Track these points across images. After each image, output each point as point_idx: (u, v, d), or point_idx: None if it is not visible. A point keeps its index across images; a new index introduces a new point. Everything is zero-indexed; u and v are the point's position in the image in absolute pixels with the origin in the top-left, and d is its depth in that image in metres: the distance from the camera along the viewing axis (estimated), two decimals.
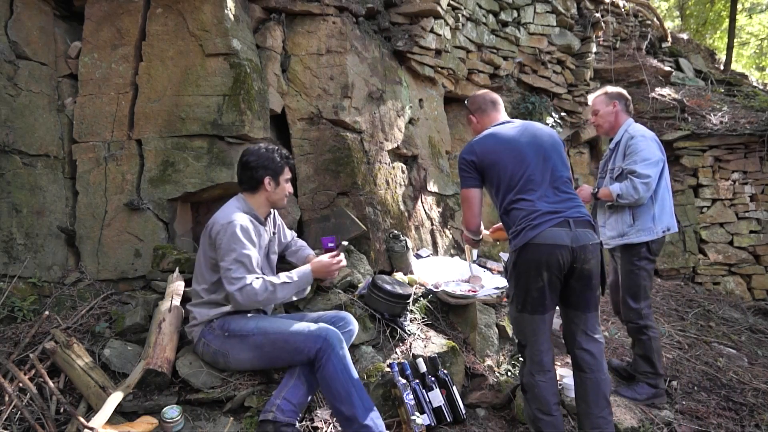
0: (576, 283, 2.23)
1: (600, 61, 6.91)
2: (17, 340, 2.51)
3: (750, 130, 6.10)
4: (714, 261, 6.15)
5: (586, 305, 2.29)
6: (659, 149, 2.96)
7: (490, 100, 2.58)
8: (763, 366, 3.79)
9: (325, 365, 2.14)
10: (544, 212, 2.18)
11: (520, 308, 2.26)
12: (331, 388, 2.13)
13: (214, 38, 3.16)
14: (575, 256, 2.15)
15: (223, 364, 2.34)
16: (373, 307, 2.80)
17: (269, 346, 2.23)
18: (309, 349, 2.17)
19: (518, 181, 2.25)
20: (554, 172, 2.29)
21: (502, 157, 2.30)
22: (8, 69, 3.01)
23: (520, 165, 2.26)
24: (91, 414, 2.06)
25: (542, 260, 2.14)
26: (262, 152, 2.43)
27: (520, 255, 2.19)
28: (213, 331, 2.31)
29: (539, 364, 2.23)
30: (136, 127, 3.16)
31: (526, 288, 2.21)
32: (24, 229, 2.95)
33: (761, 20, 14.65)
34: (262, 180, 2.40)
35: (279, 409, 2.11)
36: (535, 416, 2.20)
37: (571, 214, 2.20)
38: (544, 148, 2.32)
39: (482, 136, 2.42)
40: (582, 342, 2.30)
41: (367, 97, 3.82)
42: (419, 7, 4.25)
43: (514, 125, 2.43)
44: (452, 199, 4.64)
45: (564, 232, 2.15)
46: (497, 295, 3.33)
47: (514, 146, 2.31)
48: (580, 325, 2.31)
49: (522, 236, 2.17)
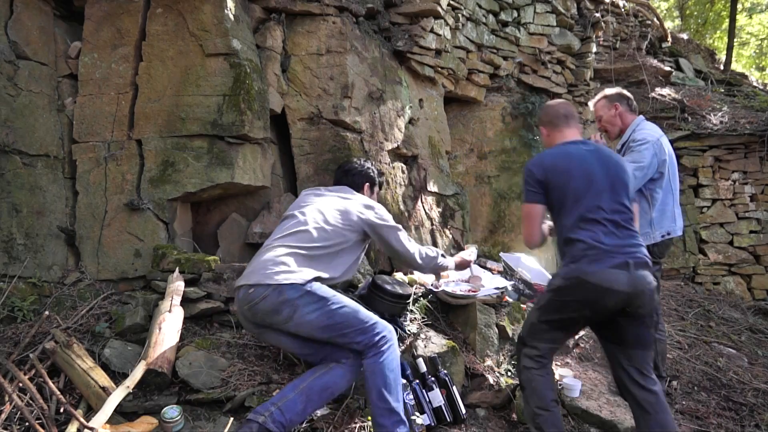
0: (626, 321, 2.15)
1: (600, 61, 6.90)
2: (17, 340, 2.51)
3: (750, 130, 6.10)
4: (714, 261, 6.15)
5: (642, 342, 2.19)
6: (661, 152, 2.91)
7: (563, 113, 2.45)
8: (763, 366, 3.79)
9: (386, 352, 2.20)
10: (607, 249, 2.09)
11: (543, 319, 2.23)
12: (387, 377, 2.17)
13: (214, 38, 3.16)
14: (630, 301, 2.08)
15: (281, 317, 2.23)
16: (373, 307, 2.79)
17: (340, 316, 2.24)
18: (374, 333, 2.22)
19: (584, 210, 2.15)
20: (621, 206, 2.20)
21: (572, 181, 2.19)
22: (8, 69, 3.01)
23: (589, 193, 2.17)
24: (91, 414, 2.06)
25: (590, 299, 2.08)
26: (368, 164, 2.88)
27: (568, 284, 2.12)
28: (294, 285, 2.23)
29: (538, 361, 2.23)
30: (136, 127, 3.16)
31: (560, 311, 2.17)
32: (24, 229, 2.95)
33: (761, 20, 14.64)
34: (363, 186, 2.80)
35: (271, 416, 2.05)
36: (533, 412, 2.19)
37: (632, 254, 2.12)
38: (615, 179, 2.23)
39: (554, 153, 2.31)
40: (641, 381, 2.17)
41: (367, 97, 3.82)
42: (419, 7, 4.25)
43: (588, 148, 2.31)
44: (452, 199, 4.64)
45: (623, 275, 2.06)
46: (497, 295, 3.33)
47: (586, 173, 2.20)
48: (634, 363, 2.18)
49: (577, 267, 2.10)
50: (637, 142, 2.91)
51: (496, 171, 5.31)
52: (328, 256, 2.41)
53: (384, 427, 2.11)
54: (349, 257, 2.53)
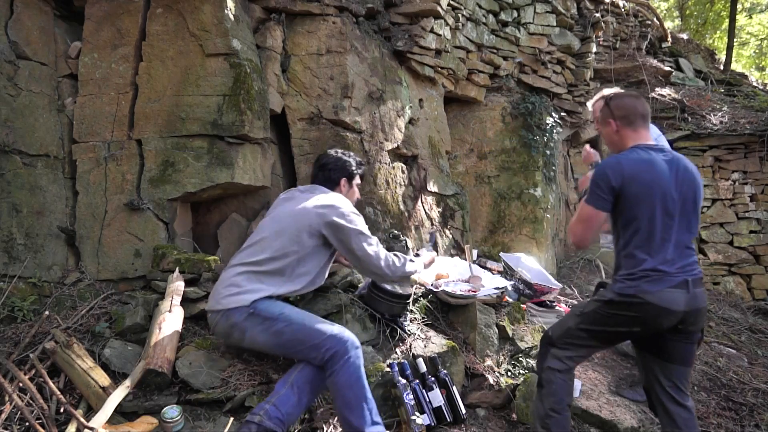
0: (675, 336, 2.10)
1: (600, 61, 6.90)
2: (17, 340, 2.51)
3: (750, 130, 6.10)
4: (714, 261, 6.15)
5: (686, 359, 2.14)
6: None
7: (641, 113, 2.21)
8: (763, 366, 3.79)
9: (340, 371, 2.10)
10: (669, 271, 2.02)
11: (583, 327, 2.15)
12: (344, 396, 2.09)
13: (214, 38, 3.16)
14: (685, 318, 2.03)
15: (235, 339, 2.28)
16: (373, 307, 2.80)
17: (289, 335, 2.19)
18: (326, 350, 2.12)
19: (655, 228, 2.04)
20: (690, 225, 2.11)
21: (651, 197, 2.04)
22: (8, 69, 3.01)
23: (663, 211, 2.04)
24: (91, 414, 2.06)
25: (645, 318, 2.03)
26: (340, 155, 2.65)
27: (624, 301, 2.04)
28: (239, 308, 2.23)
29: (566, 364, 2.18)
30: (136, 127, 3.16)
31: (607, 324, 2.11)
32: (24, 229, 2.95)
33: (761, 20, 14.64)
34: (339, 180, 2.60)
35: (266, 414, 2.06)
36: (546, 413, 2.15)
37: (691, 272, 2.06)
38: (690, 196, 2.11)
39: (635, 159, 2.09)
40: (677, 396, 2.13)
41: (367, 97, 3.82)
42: (419, 7, 4.25)
43: (666, 157, 2.12)
44: (452, 199, 4.64)
45: (681, 295, 2.00)
46: (497, 295, 3.33)
47: (664, 189, 2.05)
48: (673, 379, 2.14)
49: (636, 285, 2.02)
50: None
51: (496, 171, 5.32)
52: (285, 269, 2.30)
53: None
54: (312, 266, 2.38)
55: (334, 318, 2.69)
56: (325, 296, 2.81)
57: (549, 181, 5.42)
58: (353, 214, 2.38)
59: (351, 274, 3.05)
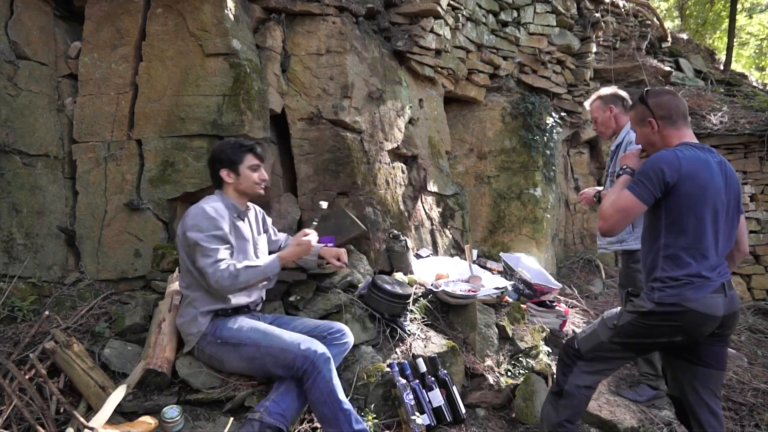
0: (711, 339, 2.03)
1: (600, 61, 6.90)
2: (17, 340, 2.51)
3: (750, 130, 6.10)
4: None
5: (720, 362, 2.08)
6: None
7: (683, 112, 2.10)
8: (763, 366, 3.79)
9: (312, 389, 2.12)
10: (711, 276, 1.95)
11: (618, 341, 2.05)
12: (318, 411, 2.14)
13: (214, 38, 3.16)
14: (723, 322, 1.98)
15: (217, 366, 2.36)
16: (373, 307, 2.80)
17: (260, 359, 2.22)
18: (297, 369, 2.15)
19: (706, 230, 1.96)
20: (732, 232, 2.07)
21: (704, 197, 1.95)
22: (8, 69, 3.01)
23: (714, 214, 1.97)
24: (91, 414, 2.06)
25: (688, 328, 1.95)
26: (217, 146, 2.46)
27: (666, 311, 1.95)
28: (205, 338, 2.31)
29: (593, 380, 2.13)
30: (136, 127, 3.16)
31: (646, 336, 2.02)
32: (24, 229, 2.95)
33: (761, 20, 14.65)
34: (219, 173, 2.43)
35: (267, 411, 2.10)
36: (560, 422, 2.12)
37: (725, 275, 2.01)
38: (735, 201, 2.06)
39: (691, 157, 1.97)
40: (711, 404, 2.07)
41: (367, 97, 3.82)
42: (419, 7, 4.25)
43: (715, 158, 2.04)
44: (452, 199, 4.64)
45: (721, 300, 1.95)
46: (497, 295, 3.33)
47: (718, 190, 1.98)
48: (709, 384, 2.08)
49: (679, 293, 1.93)
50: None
51: (495, 171, 5.32)
52: (201, 289, 2.31)
53: None
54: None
55: (334, 318, 2.70)
56: (325, 296, 2.81)
57: (549, 181, 5.42)
58: (198, 224, 2.24)
59: (351, 274, 3.05)
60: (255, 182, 2.44)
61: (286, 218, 3.37)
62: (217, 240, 2.25)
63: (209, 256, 2.20)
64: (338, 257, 2.69)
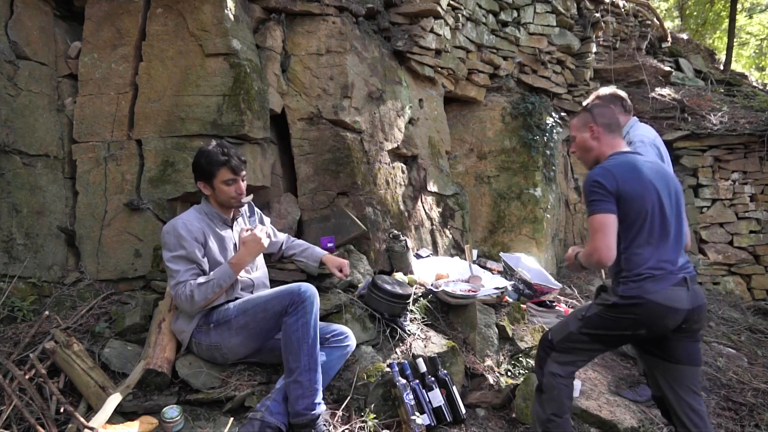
0: (679, 335, 2.08)
1: (600, 61, 6.91)
2: (17, 340, 2.51)
3: (750, 130, 6.10)
4: (714, 261, 6.15)
5: (694, 358, 2.12)
6: (658, 154, 2.89)
7: (619, 125, 2.28)
8: (762, 366, 3.79)
9: (290, 316, 2.15)
10: (670, 270, 2.03)
11: (586, 332, 2.13)
12: (287, 336, 2.15)
13: (214, 38, 3.16)
14: (688, 317, 2.03)
15: (220, 358, 2.35)
16: (373, 307, 2.80)
17: (252, 321, 2.24)
18: (284, 306, 2.17)
19: (655, 225, 2.06)
20: (681, 226, 2.15)
21: (645, 197, 2.06)
22: (8, 69, 3.01)
23: (661, 210, 2.08)
24: (91, 414, 2.06)
25: (649, 320, 2.01)
26: (196, 155, 2.41)
27: (628, 303, 2.02)
28: (200, 329, 2.33)
29: (567, 370, 2.17)
30: (136, 127, 3.16)
31: (611, 328, 2.08)
32: (24, 229, 2.95)
33: (761, 20, 14.64)
34: (197, 183, 2.44)
35: (268, 410, 2.11)
36: (548, 418, 2.15)
37: (688, 270, 2.07)
38: (677, 196, 2.16)
39: (620, 163, 2.11)
40: (692, 402, 2.11)
41: (367, 97, 3.82)
42: (419, 7, 4.25)
43: (647, 160, 2.19)
44: (452, 199, 4.64)
45: (683, 293, 2.01)
46: (497, 295, 3.33)
47: (659, 187, 2.10)
48: (685, 381, 2.12)
49: (639, 286, 2.01)
50: (633, 144, 2.90)
51: (495, 171, 5.32)
52: None
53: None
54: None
55: (334, 318, 2.70)
56: (325, 296, 2.81)
57: (549, 181, 5.42)
58: (167, 243, 2.27)
59: (351, 274, 3.05)
60: (231, 197, 2.40)
61: (286, 218, 3.37)
62: (180, 261, 2.26)
63: (172, 277, 2.27)
64: (340, 268, 2.70)
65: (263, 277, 2.60)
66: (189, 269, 2.27)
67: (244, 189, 2.45)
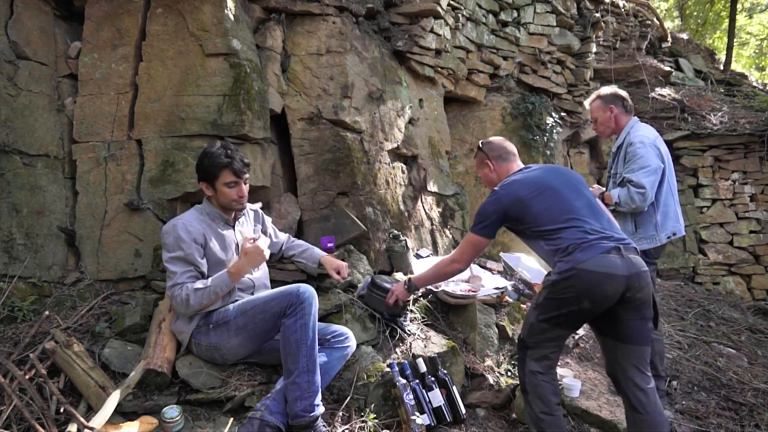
0: (626, 312, 2.12)
1: (600, 61, 6.91)
2: (17, 340, 2.51)
3: (750, 130, 6.11)
4: (714, 261, 6.16)
5: (641, 338, 2.15)
6: (659, 155, 2.90)
7: (511, 151, 2.54)
8: (762, 366, 3.79)
9: (288, 318, 2.16)
10: (595, 238, 2.10)
11: (542, 319, 2.18)
12: (286, 337, 2.16)
13: (214, 38, 3.16)
14: (629, 284, 2.05)
15: (219, 358, 2.36)
16: (373, 307, 2.80)
17: (251, 322, 2.24)
18: (282, 308, 2.18)
19: (562, 212, 2.20)
20: (592, 203, 2.29)
21: (537, 195, 2.24)
22: (8, 69, 3.01)
23: (559, 199, 2.23)
24: (91, 414, 2.06)
25: (588, 289, 2.04)
26: (200, 156, 2.42)
27: (564, 277, 2.08)
28: (199, 330, 2.33)
29: (543, 365, 2.20)
30: (136, 127, 3.16)
31: (559, 307, 2.13)
32: (24, 229, 2.95)
33: (761, 20, 14.65)
34: (199, 184, 2.46)
35: (267, 409, 2.11)
36: (538, 417, 2.18)
37: (621, 240, 2.13)
38: (575, 184, 2.34)
39: (509, 182, 2.35)
40: (637, 379, 2.16)
41: (367, 97, 3.82)
42: (419, 7, 4.25)
43: (535, 167, 2.43)
44: (452, 199, 4.64)
45: (618, 259, 2.05)
46: (497, 295, 3.33)
47: (549, 185, 2.28)
48: (631, 360, 2.16)
49: (571, 258, 2.07)
50: (634, 145, 2.90)
51: None
52: None
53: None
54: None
55: (334, 318, 2.70)
56: (325, 296, 2.81)
57: None
58: (166, 244, 2.29)
59: (351, 274, 3.05)
60: (233, 199, 2.41)
61: (286, 218, 3.37)
62: (178, 262, 2.27)
63: (170, 278, 2.28)
64: (338, 270, 2.69)
65: (264, 277, 2.60)
66: (186, 271, 2.27)
67: (246, 192, 2.45)
